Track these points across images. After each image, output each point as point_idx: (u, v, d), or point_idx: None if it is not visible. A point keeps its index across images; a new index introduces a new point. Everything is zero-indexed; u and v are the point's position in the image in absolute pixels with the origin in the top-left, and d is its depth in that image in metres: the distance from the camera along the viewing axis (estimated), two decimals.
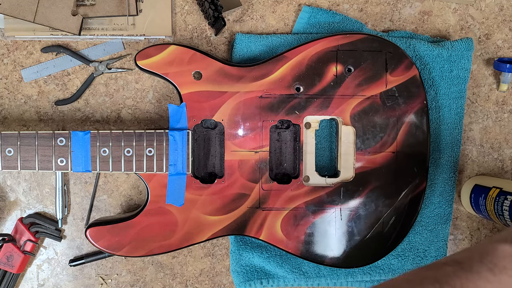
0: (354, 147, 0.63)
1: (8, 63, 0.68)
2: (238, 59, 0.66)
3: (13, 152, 0.60)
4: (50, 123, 0.68)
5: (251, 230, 0.62)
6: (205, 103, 0.61)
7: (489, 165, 0.70)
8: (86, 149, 0.61)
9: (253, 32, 0.69)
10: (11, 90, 0.68)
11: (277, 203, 0.62)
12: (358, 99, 0.62)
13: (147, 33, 0.66)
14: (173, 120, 0.62)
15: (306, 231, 0.62)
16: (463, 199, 0.69)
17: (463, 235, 0.71)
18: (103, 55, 0.68)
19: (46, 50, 0.67)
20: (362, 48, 0.62)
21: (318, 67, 0.62)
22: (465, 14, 0.70)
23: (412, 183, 0.63)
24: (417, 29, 0.70)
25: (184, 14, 0.68)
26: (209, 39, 0.68)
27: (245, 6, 0.68)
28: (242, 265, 0.67)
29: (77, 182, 0.69)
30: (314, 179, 0.64)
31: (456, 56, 0.66)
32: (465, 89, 0.67)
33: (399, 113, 0.62)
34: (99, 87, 0.68)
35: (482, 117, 0.70)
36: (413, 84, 0.63)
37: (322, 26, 0.67)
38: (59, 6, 0.63)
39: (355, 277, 0.67)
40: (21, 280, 0.69)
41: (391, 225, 0.63)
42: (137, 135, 0.61)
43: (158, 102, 0.68)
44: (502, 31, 0.70)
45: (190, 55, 0.61)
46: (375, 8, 0.69)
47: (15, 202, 0.69)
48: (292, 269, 0.67)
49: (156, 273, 0.70)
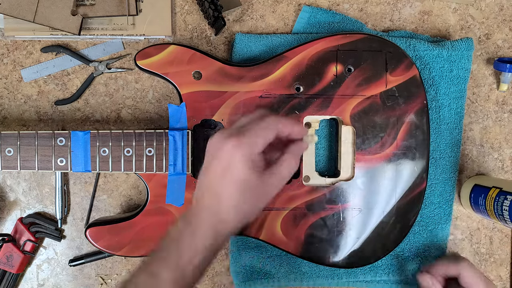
0: (354, 147, 0.63)
1: (8, 63, 0.68)
2: (238, 59, 0.66)
3: (13, 152, 0.60)
4: (50, 123, 0.68)
5: (251, 230, 0.62)
6: (205, 103, 0.61)
7: (489, 165, 0.70)
8: (86, 149, 0.61)
9: (253, 32, 0.68)
10: (11, 90, 0.68)
11: (277, 203, 0.62)
12: (358, 99, 0.62)
13: (147, 33, 0.66)
14: (173, 120, 0.62)
15: (306, 231, 0.62)
16: (463, 199, 0.68)
17: (463, 235, 0.71)
18: (103, 55, 0.68)
19: (46, 50, 0.67)
20: (362, 48, 0.62)
21: (318, 67, 0.62)
22: (465, 14, 0.70)
23: (412, 183, 0.63)
24: (417, 29, 0.70)
25: (184, 14, 0.68)
26: (209, 39, 0.68)
27: (245, 5, 0.68)
28: (242, 265, 0.67)
29: (76, 182, 0.69)
30: (314, 179, 0.64)
31: (456, 56, 0.66)
32: (465, 89, 0.67)
33: (399, 113, 0.62)
34: (99, 87, 0.68)
35: (482, 117, 0.70)
36: (413, 84, 0.62)
37: (322, 26, 0.67)
38: (59, 6, 0.63)
39: (355, 277, 0.67)
40: (21, 280, 0.69)
41: (391, 225, 0.63)
42: (137, 135, 0.61)
43: (158, 102, 0.68)
44: (502, 31, 0.70)
45: (190, 55, 0.61)
46: (375, 8, 0.69)
47: (15, 202, 0.69)
48: (292, 269, 0.67)
49: None
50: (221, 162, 0.47)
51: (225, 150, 0.46)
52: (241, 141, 0.46)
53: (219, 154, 0.47)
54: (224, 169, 0.46)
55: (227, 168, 0.46)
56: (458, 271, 0.60)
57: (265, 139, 0.47)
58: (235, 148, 0.46)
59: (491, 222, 0.71)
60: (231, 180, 0.46)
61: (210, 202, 0.48)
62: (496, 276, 0.71)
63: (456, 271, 0.60)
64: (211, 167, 0.47)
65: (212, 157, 0.48)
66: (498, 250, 0.71)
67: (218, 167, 0.47)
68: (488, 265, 0.71)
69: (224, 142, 0.46)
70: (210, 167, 0.48)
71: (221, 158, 0.47)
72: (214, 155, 0.47)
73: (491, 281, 0.61)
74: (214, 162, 0.47)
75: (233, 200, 0.47)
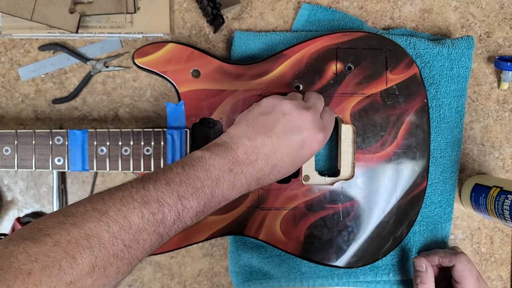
0: (354, 146, 0.62)
1: (5, 62, 0.67)
2: (237, 57, 0.65)
3: (10, 151, 0.60)
4: (47, 121, 0.68)
5: (250, 230, 0.62)
6: (203, 101, 0.61)
7: (489, 164, 0.70)
8: (84, 148, 0.60)
9: (252, 29, 0.68)
10: (8, 89, 0.67)
11: (277, 202, 0.62)
12: (358, 97, 0.62)
13: (145, 31, 0.66)
14: (171, 118, 0.61)
15: (305, 231, 0.62)
16: (464, 198, 0.68)
17: (464, 234, 0.70)
18: (100, 53, 0.67)
19: (44, 49, 0.67)
20: (362, 46, 0.62)
21: (317, 65, 0.61)
22: (466, 12, 0.69)
23: (412, 182, 0.63)
24: (418, 27, 0.69)
25: (182, 11, 0.68)
26: (207, 36, 0.68)
27: (244, 3, 0.68)
28: (241, 265, 0.67)
29: (74, 182, 0.68)
30: (314, 178, 0.63)
31: (457, 54, 0.65)
32: (466, 87, 0.67)
33: (399, 112, 0.62)
34: (96, 85, 0.68)
35: (483, 116, 0.70)
36: (414, 82, 0.62)
37: (322, 24, 0.67)
38: (56, 4, 0.63)
39: (355, 277, 0.67)
40: None
41: (392, 224, 0.63)
42: (135, 134, 0.60)
43: (156, 101, 0.68)
44: (503, 29, 0.70)
45: (189, 53, 0.61)
46: (375, 5, 0.69)
47: (12, 201, 0.68)
48: (291, 270, 0.66)
49: (154, 273, 0.69)
50: (300, 140, 0.51)
51: (313, 137, 0.51)
52: (326, 135, 0.53)
53: (304, 134, 0.51)
54: (301, 147, 0.51)
55: (302, 148, 0.51)
56: (453, 262, 0.61)
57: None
58: (321, 141, 0.52)
59: (492, 222, 0.70)
60: (299, 157, 0.51)
61: (264, 165, 0.50)
62: (496, 276, 0.71)
63: (451, 261, 0.61)
64: (286, 139, 0.50)
65: (292, 128, 0.50)
66: (499, 250, 0.70)
67: (295, 143, 0.50)
68: (489, 264, 0.70)
69: (315, 130, 0.51)
70: (286, 139, 0.50)
71: (304, 137, 0.51)
72: (296, 126, 0.51)
73: (483, 280, 0.61)
74: (292, 137, 0.50)
75: (286, 173, 0.52)
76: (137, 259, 0.42)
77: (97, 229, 0.38)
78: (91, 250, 0.37)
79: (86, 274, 0.37)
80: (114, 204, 0.41)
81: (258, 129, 0.50)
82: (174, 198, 0.43)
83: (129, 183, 0.44)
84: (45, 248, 0.36)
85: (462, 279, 0.60)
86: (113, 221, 0.39)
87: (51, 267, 0.35)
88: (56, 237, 0.37)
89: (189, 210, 0.44)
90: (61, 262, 0.36)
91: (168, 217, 0.43)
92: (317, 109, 0.53)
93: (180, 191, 0.44)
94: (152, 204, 0.42)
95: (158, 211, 0.42)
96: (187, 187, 0.44)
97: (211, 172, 0.46)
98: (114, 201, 0.41)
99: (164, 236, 0.43)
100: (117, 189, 0.43)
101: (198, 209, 0.45)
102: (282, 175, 0.52)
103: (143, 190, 0.43)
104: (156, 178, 0.44)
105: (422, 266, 0.61)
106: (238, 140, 0.49)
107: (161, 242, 0.44)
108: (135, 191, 0.42)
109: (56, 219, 0.39)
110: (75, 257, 0.36)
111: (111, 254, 0.39)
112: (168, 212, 0.43)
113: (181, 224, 0.44)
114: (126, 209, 0.41)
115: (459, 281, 0.60)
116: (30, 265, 0.34)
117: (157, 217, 0.42)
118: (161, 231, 0.43)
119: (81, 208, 0.40)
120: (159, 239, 0.43)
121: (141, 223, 0.41)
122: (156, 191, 0.43)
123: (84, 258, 0.37)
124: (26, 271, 0.34)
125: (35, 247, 0.36)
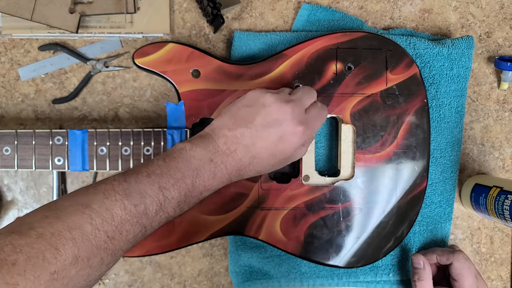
0: (354, 146, 0.62)
1: (5, 62, 0.67)
2: (237, 57, 0.65)
3: (10, 151, 0.60)
4: (47, 121, 0.68)
5: (250, 230, 0.62)
6: (203, 101, 0.61)
7: (489, 164, 0.70)
8: (84, 148, 0.60)
9: (252, 29, 0.68)
10: (8, 89, 0.67)
11: (277, 202, 0.62)
12: (358, 97, 0.62)
13: (145, 31, 0.66)
14: (171, 118, 0.61)
15: (305, 231, 0.62)
16: (464, 198, 0.68)
17: (464, 234, 0.70)
18: (100, 53, 0.67)
19: (44, 49, 0.67)
20: (362, 46, 0.62)
21: (317, 65, 0.61)
22: (466, 12, 0.69)
23: (412, 182, 0.62)
24: (418, 27, 0.69)
25: (182, 11, 0.68)
26: (207, 37, 0.68)
27: (244, 3, 0.68)
28: (241, 265, 0.67)
29: (74, 182, 0.68)
30: (314, 178, 0.63)
31: (457, 54, 0.65)
32: (466, 87, 0.67)
33: (399, 112, 0.62)
34: (96, 85, 0.68)
35: (483, 116, 0.70)
36: (414, 82, 0.62)
37: (322, 24, 0.67)
38: (56, 4, 0.63)
39: (355, 277, 0.67)
40: None
41: (392, 224, 0.62)
42: (135, 134, 0.60)
43: (156, 101, 0.68)
44: (503, 29, 0.70)
45: (189, 53, 0.61)
46: (375, 5, 0.69)
47: (12, 201, 0.68)
48: (291, 270, 0.66)
49: (154, 273, 0.69)
50: (278, 133, 0.50)
51: (291, 130, 0.50)
52: (306, 130, 0.51)
53: (282, 127, 0.50)
54: (280, 141, 0.50)
55: (281, 142, 0.50)
56: (451, 260, 0.61)
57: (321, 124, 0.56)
58: (301, 134, 0.51)
59: (492, 222, 0.70)
60: (279, 151, 0.51)
61: (243, 156, 0.49)
62: (496, 276, 0.71)
63: (448, 259, 0.61)
64: (265, 131, 0.49)
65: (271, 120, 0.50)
66: (499, 250, 0.70)
67: (274, 136, 0.49)
68: (489, 264, 0.70)
69: (293, 123, 0.50)
70: (264, 131, 0.49)
71: (282, 131, 0.50)
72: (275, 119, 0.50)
73: (482, 278, 0.61)
74: (271, 129, 0.49)
75: (267, 166, 0.52)
76: (121, 250, 0.43)
77: (80, 221, 0.40)
78: (74, 241, 0.39)
79: (69, 265, 0.38)
80: (97, 197, 0.42)
81: (239, 121, 0.50)
82: (155, 189, 0.44)
83: (112, 177, 0.45)
84: (29, 240, 0.37)
85: (460, 277, 0.60)
86: (96, 213, 0.41)
87: (35, 258, 0.36)
88: (40, 230, 0.38)
89: (171, 200, 0.45)
90: (45, 253, 0.37)
91: (150, 208, 0.44)
92: (301, 103, 0.52)
93: (161, 182, 0.45)
94: (134, 196, 0.43)
95: (140, 202, 0.43)
96: (168, 178, 0.45)
97: (192, 163, 0.47)
98: (97, 194, 0.42)
99: (147, 227, 0.45)
100: (101, 183, 0.44)
101: (180, 199, 0.46)
102: (263, 168, 0.52)
103: (125, 183, 0.44)
104: (138, 171, 0.46)
105: (419, 263, 0.62)
106: (219, 131, 0.50)
107: (145, 233, 0.45)
108: (117, 184, 0.44)
109: (41, 214, 0.40)
110: (58, 249, 0.38)
111: (94, 245, 0.40)
112: (150, 203, 0.44)
113: (164, 215, 0.46)
114: (109, 201, 0.42)
115: (457, 279, 0.60)
116: (15, 256, 0.36)
117: (139, 208, 0.43)
118: (144, 222, 0.44)
119: (66, 202, 0.42)
120: (142, 230, 0.44)
121: (123, 215, 0.42)
122: (137, 183, 0.44)
123: (67, 249, 0.38)
124: (11, 261, 0.36)
125: (20, 240, 0.37)
